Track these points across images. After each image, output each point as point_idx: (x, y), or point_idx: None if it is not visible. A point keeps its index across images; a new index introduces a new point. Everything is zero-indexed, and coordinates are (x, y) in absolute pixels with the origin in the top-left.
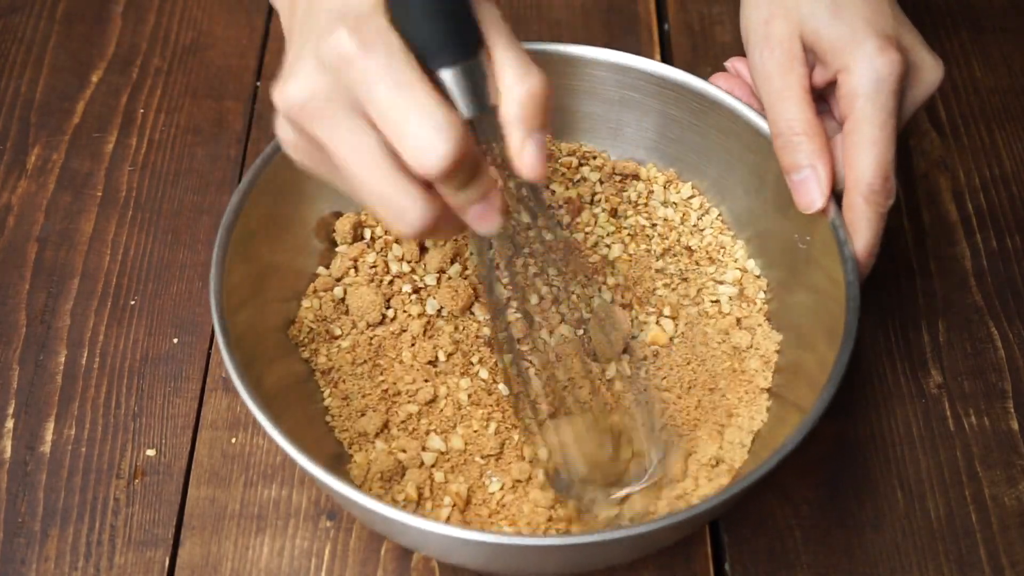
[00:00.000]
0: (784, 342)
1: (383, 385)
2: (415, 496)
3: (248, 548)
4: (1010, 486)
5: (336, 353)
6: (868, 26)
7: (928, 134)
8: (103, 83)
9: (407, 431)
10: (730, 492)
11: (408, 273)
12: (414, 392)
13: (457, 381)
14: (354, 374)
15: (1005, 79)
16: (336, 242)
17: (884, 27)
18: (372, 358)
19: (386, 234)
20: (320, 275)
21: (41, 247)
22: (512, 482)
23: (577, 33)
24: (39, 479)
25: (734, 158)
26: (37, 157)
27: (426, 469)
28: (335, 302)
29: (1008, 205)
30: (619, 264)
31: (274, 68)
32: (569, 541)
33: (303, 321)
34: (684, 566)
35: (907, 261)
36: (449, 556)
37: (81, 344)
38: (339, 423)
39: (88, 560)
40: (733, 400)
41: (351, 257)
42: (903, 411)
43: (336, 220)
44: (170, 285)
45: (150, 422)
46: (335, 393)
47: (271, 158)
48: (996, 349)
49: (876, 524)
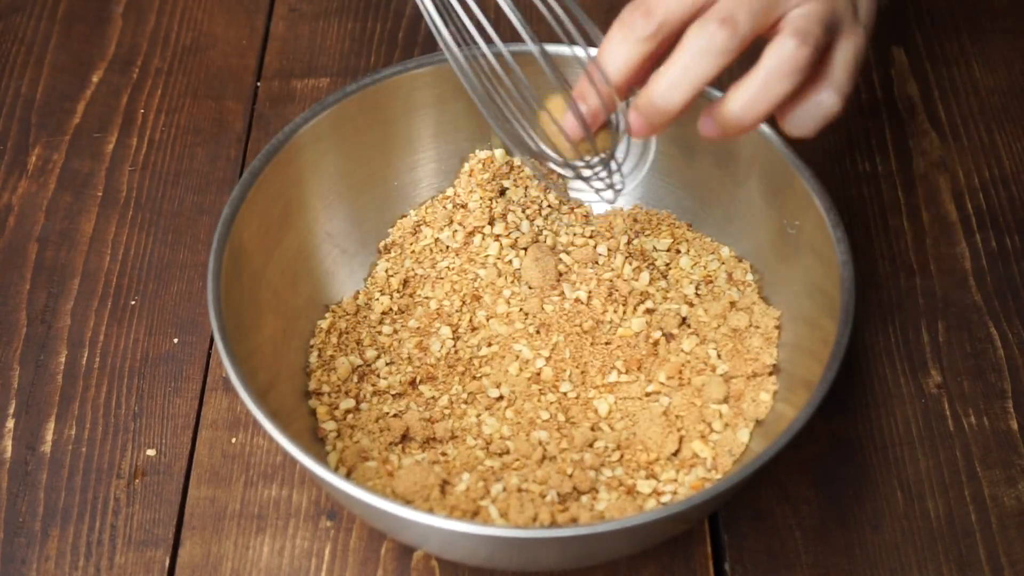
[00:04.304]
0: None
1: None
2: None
3: (248, 548)
4: (1010, 486)
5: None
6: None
7: (928, 134)
8: (103, 83)
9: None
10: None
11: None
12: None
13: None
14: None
15: (1005, 79)
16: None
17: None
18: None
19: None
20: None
21: (41, 247)
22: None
23: None
24: (39, 479)
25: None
26: (37, 157)
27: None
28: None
29: (1008, 205)
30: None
31: (274, 68)
32: (569, 533)
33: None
34: (684, 566)
35: (907, 261)
36: (449, 551)
37: (81, 344)
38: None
39: (88, 560)
40: (739, 385)
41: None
42: (903, 411)
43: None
44: (170, 285)
45: (150, 422)
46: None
47: (271, 155)
48: (996, 349)
49: (876, 524)
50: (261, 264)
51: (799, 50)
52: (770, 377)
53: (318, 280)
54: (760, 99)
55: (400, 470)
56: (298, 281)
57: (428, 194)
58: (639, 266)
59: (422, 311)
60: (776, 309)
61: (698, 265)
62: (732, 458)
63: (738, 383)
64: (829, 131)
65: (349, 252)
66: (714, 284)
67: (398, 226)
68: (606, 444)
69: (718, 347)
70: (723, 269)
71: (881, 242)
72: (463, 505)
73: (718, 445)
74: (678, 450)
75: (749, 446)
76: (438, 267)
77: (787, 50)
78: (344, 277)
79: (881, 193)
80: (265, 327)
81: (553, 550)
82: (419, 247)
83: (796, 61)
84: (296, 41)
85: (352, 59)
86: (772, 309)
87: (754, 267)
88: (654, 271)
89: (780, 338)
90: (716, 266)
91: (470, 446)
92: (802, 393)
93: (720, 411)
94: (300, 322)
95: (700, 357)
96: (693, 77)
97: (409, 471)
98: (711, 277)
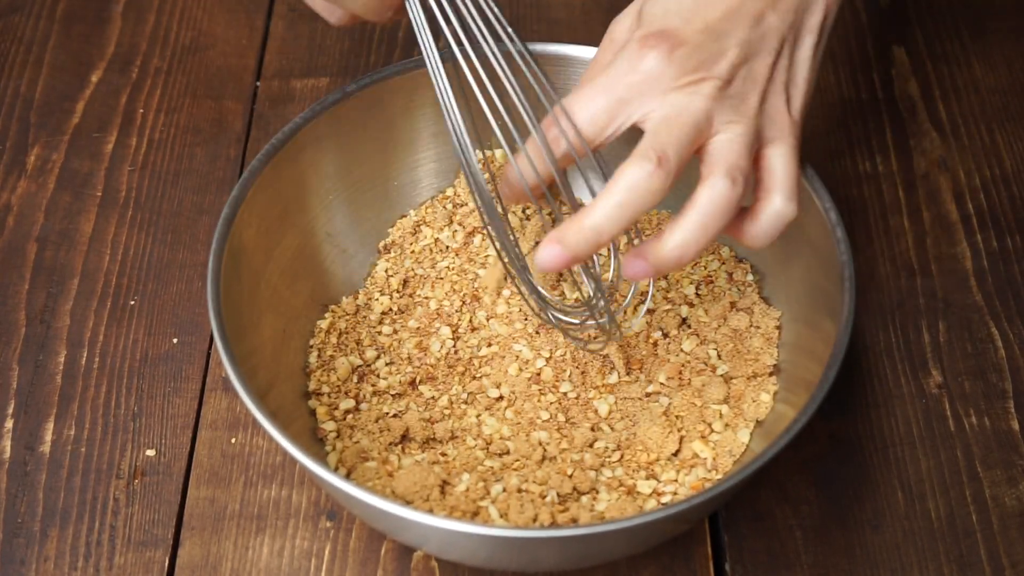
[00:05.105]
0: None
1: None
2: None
3: (248, 548)
4: (1011, 486)
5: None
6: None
7: (928, 134)
8: (103, 83)
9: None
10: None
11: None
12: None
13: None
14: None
15: (1006, 79)
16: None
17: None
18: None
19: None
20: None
21: (41, 247)
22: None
23: (577, 33)
24: (39, 479)
25: None
26: (37, 157)
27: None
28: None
29: (1008, 205)
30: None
31: (274, 68)
32: (569, 533)
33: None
34: (684, 566)
35: (907, 261)
36: (449, 552)
37: (81, 344)
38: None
39: (88, 560)
40: (740, 385)
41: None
42: (903, 411)
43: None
44: (170, 285)
45: (150, 422)
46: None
47: (271, 155)
48: (996, 349)
49: (876, 524)
50: (261, 264)
51: (732, 191)
52: (770, 377)
53: (318, 280)
54: (697, 240)
55: (400, 470)
56: (298, 281)
57: (428, 194)
58: None
59: (422, 311)
60: (776, 309)
61: (698, 265)
62: (732, 458)
63: (738, 383)
64: (829, 131)
65: (349, 252)
66: (714, 284)
67: (398, 226)
68: (606, 444)
69: (718, 347)
70: (723, 269)
71: (881, 242)
72: (463, 505)
73: (718, 445)
74: (678, 450)
75: (749, 446)
76: (438, 267)
77: (720, 191)
78: (344, 277)
79: (882, 193)
80: (265, 327)
81: (553, 550)
82: (419, 247)
83: (729, 201)
84: (296, 41)
85: (352, 59)
86: (772, 309)
87: (754, 267)
88: None
89: (780, 338)
90: (716, 266)
91: (470, 446)
92: (802, 393)
93: (720, 411)
94: (300, 322)
95: (700, 357)
96: (630, 214)
97: (409, 471)
98: (711, 277)
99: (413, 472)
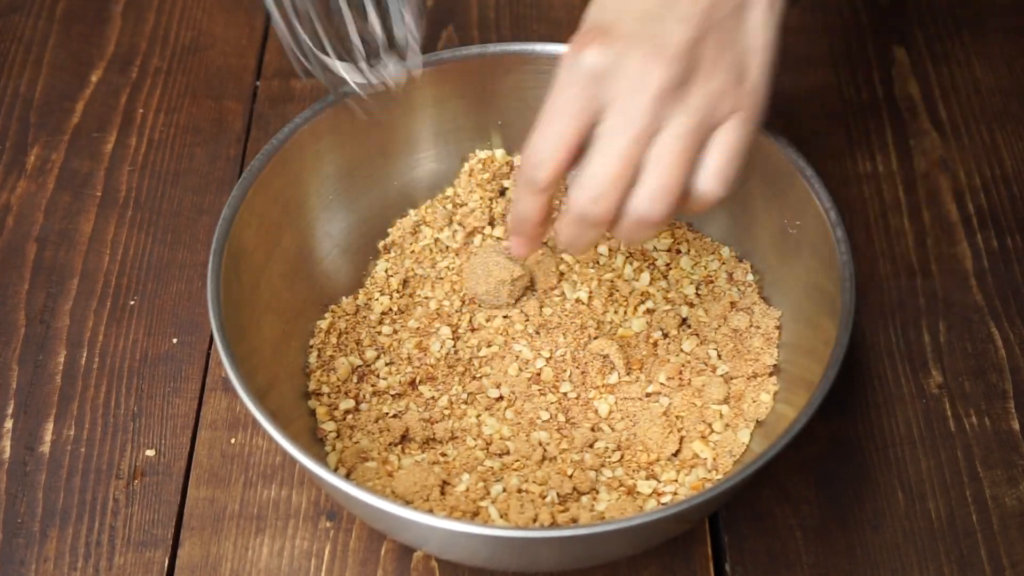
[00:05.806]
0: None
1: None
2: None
3: (248, 548)
4: (1011, 486)
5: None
6: None
7: (928, 134)
8: (103, 83)
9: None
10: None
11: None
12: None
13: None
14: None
15: (1006, 79)
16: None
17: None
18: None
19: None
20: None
21: (40, 247)
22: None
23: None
24: (38, 479)
25: None
26: (36, 157)
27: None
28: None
29: (1009, 205)
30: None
31: (274, 68)
32: (569, 533)
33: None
34: (684, 566)
35: (907, 261)
36: (449, 552)
37: (80, 344)
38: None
39: (87, 560)
40: (740, 385)
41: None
42: (903, 411)
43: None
44: (170, 285)
45: (150, 422)
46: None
47: (271, 155)
48: (997, 349)
49: (876, 524)
50: (261, 264)
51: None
52: (770, 377)
53: (318, 280)
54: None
55: (400, 470)
56: (298, 281)
57: (428, 194)
58: (640, 266)
59: (422, 311)
60: (776, 309)
61: (698, 265)
62: (732, 458)
63: (738, 383)
64: (829, 131)
65: (349, 252)
66: (714, 284)
67: (398, 226)
68: (606, 444)
69: (718, 347)
70: (723, 269)
71: (882, 242)
72: (463, 506)
73: (718, 445)
74: (678, 450)
75: (749, 446)
76: (438, 267)
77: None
78: (344, 277)
79: (882, 193)
80: (264, 327)
81: (553, 550)
82: (419, 247)
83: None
84: None
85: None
86: (772, 309)
87: (754, 267)
88: (654, 271)
89: (780, 338)
90: (716, 266)
91: (470, 446)
92: (802, 393)
93: (720, 411)
94: (300, 322)
95: (700, 357)
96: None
97: (409, 471)
98: (711, 277)
99: (413, 472)
